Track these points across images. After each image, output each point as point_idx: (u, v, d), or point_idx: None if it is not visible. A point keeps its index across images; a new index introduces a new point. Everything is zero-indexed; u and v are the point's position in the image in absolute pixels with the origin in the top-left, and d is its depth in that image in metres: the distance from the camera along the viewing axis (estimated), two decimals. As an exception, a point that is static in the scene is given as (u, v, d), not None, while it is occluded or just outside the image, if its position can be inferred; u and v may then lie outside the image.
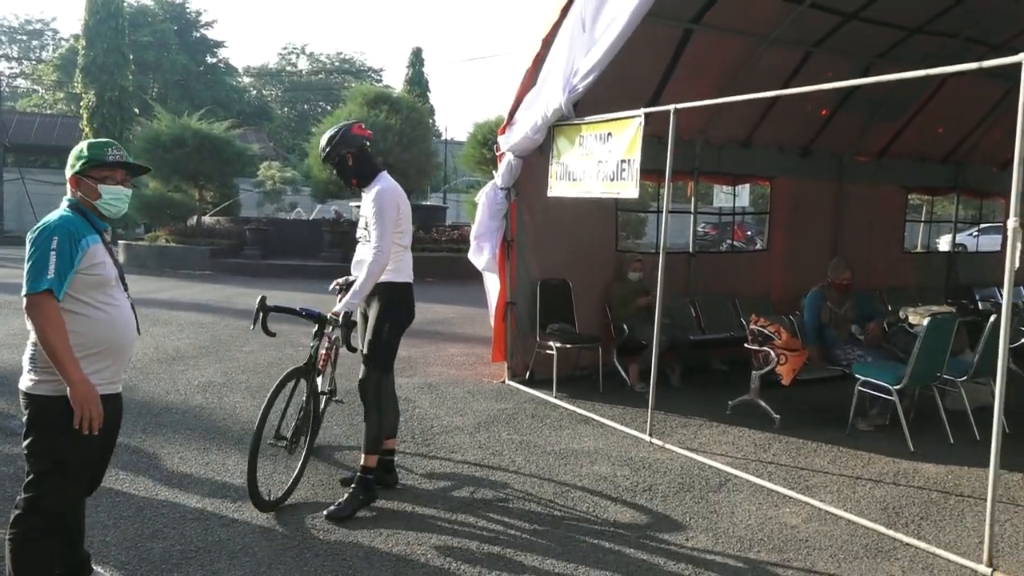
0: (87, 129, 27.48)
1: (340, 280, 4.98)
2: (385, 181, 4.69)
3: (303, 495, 4.66)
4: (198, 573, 3.71)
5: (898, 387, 5.99)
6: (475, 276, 8.16)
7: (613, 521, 4.51)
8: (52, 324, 2.97)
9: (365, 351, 4.71)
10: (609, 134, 6.28)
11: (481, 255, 7.48)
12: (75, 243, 3.03)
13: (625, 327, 7.85)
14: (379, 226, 4.51)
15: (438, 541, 4.16)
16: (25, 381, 3.12)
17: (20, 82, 51.45)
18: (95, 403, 3.03)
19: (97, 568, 3.53)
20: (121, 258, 19.26)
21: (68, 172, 3.23)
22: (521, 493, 4.90)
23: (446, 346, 9.44)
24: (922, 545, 4.26)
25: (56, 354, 2.97)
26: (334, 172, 4.84)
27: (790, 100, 8.23)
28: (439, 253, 17.80)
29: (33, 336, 3.09)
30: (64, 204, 3.20)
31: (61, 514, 3.18)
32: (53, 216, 3.10)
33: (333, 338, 4.79)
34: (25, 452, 3.12)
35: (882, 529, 4.46)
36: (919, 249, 14.85)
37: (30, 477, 3.11)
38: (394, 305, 4.69)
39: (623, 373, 7.83)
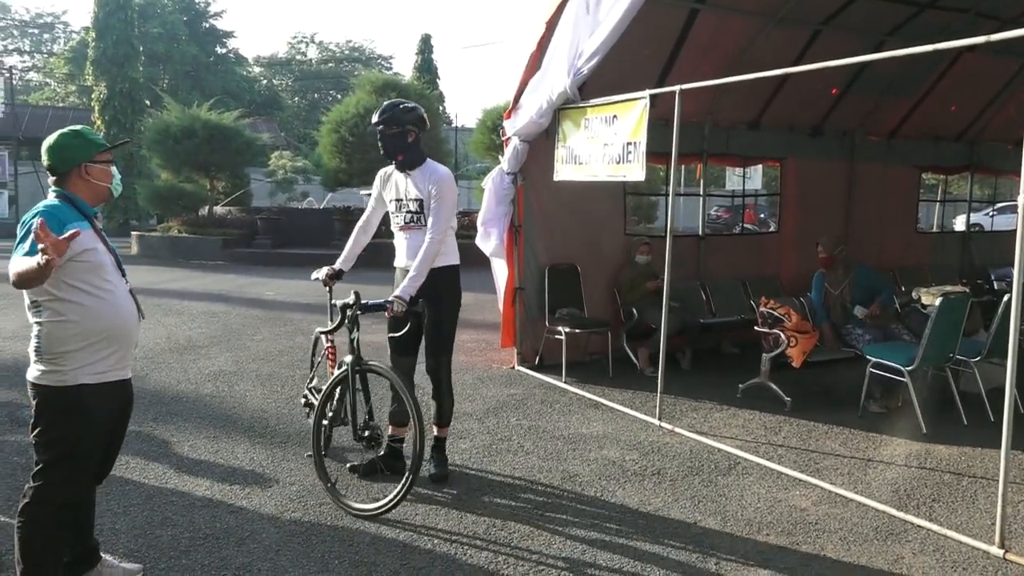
0: (99, 121, 27.58)
1: (326, 270, 4.85)
2: (441, 166, 4.71)
3: (310, 483, 4.67)
4: (206, 560, 3.73)
5: (910, 368, 5.94)
6: (485, 262, 8.13)
7: (621, 505, 4.50)
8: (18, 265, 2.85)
9: (429, 340, 4.72)
10: (614, 116, 6.23)
11: (489, 241, 7.46)
12: (60, 227, 2.96)
13: (634, 311, 7.81)
14: (442, 210, 4.51)
15: (445, 526, 4.16)
16: (32, 371, 3.14)
17: (32, 75, 51.74)
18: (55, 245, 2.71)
19: (106, 556, 3.55)
20: (133, 249, 19.63)
21: (69, 163, 3.17)
22: (529, 478, 4.89)
23: (456, 332, 9.42)
24: (933, 527, 4.22)
25: (23, 273, 2.79)
26: (381, 135, 4.59)
27: (799, 80, 8.13)
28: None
29: (36, 328, 3.11)
30: (51, 196, 3.20)
31: (69, 503, 3.20)
32: (39, 206, 3.10)
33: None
34: (33, 442, 3.14)
35: (893, 511, 4.42)
36: (934, 229, 14.69)
37: (38, 467, 3.13)
38: (450, 288, 4.74)
39: (633, 358, 7.80)
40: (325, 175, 21.19)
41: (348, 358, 4.45)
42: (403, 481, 4.18)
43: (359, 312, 4.46)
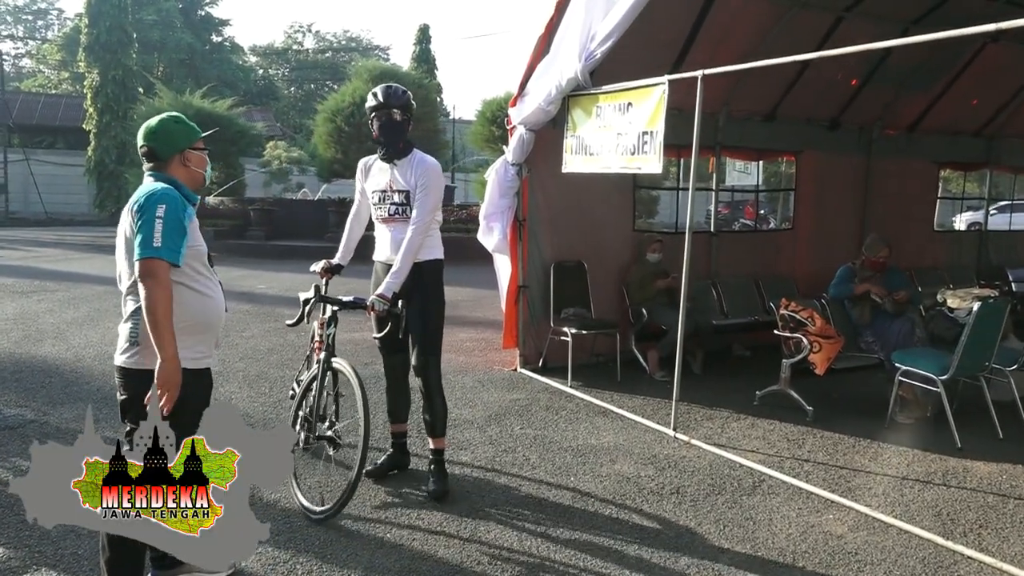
0: (91, 109, 27.04)
1: (323, 263, 4.57)
2: (429, 156, 4.41)
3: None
4: (177, 594, 3.31)
5: (944, 377, 5.53)
6: (484, 258, 7.71)
7: (639, 528, 4.09)
8: (165, 291, 2.83)
9: (416, 338, 4.38)
10: (629, 104, 5.80)
11: (491, 236, 7.03)
12: (183, 212, 2.91)
13: (644, 311, 7.39)
14: (427, 200, 4.21)
15: (445, 554, 3.74)
16: (124, 358, 2.99)
17: (25, 62, 51.06)
18: (178, 385, 2.86)
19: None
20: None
21: (173, 149, 3.08)
22: (537, 496, 4.48)
23: (454, 331, 8.99)
24: (986, 559, 3.81)
25: (160, 324, 2.81)
26: (386, 120, 4.27)
27: (818, 69, 7.72)
28: (447, 234, 16.92)
29: (132, 309, 2.96)
30: (152, 181, 3.00)
31: None
32: (156, 186, 2.95)
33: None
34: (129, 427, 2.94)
35: (939, 540, 4.01)
36: (937, 227, 14.27)
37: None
38: (434, 283, 4.42)
39: (642, 360, 7.39)
40: (320, 166, 20.70)
41: (322, 355, 4.23)
42: (348, 483, 3.97)
43: (336, 308, 4.26)
